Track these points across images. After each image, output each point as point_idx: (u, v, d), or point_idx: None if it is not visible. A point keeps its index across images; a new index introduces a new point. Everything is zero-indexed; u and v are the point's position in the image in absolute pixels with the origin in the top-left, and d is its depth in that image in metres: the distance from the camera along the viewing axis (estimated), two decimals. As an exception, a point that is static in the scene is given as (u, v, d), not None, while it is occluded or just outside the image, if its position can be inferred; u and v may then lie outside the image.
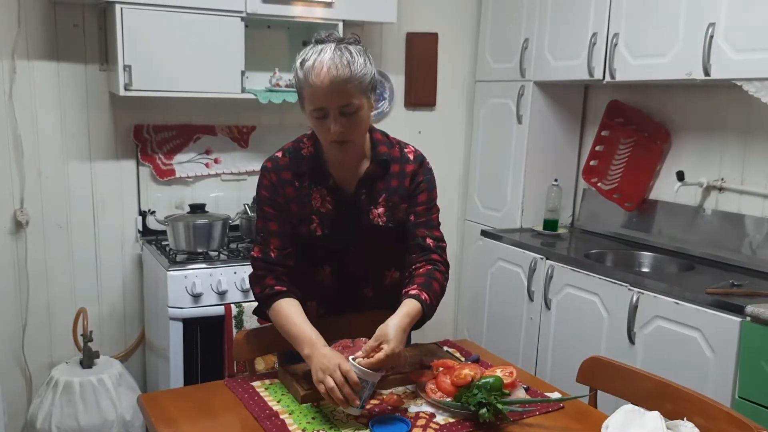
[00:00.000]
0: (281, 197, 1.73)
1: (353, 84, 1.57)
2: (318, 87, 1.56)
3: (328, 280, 1.80)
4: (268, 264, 1.72)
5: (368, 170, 1.74)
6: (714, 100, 2.84)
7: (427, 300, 1.64)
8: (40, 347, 2.99)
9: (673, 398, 1.55)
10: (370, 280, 1.82)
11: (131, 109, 3.03)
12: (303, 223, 1.73)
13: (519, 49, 3.31)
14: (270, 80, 3.11)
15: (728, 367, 2.19)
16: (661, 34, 2.62)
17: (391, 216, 1.75)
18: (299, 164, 1.74)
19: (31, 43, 2.82)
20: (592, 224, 3.38)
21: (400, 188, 1.76)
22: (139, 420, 2.77)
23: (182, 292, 2.67)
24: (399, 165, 1.77)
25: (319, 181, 1.73)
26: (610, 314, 2.61)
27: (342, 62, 1.56)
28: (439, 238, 1.78)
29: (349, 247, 1.76)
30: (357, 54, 1.59)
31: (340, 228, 1.73)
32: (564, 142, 3.41)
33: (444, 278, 1.74)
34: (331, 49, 1.57)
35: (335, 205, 1.73)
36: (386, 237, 1.76)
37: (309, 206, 1.72)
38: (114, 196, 3.06)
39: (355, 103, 1.59)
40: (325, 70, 1.55)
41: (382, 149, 1.75)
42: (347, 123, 1.60)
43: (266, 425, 1.45)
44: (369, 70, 1.61)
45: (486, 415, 1.44)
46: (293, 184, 1.73)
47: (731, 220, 2.74)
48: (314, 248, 1.76)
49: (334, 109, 1.58)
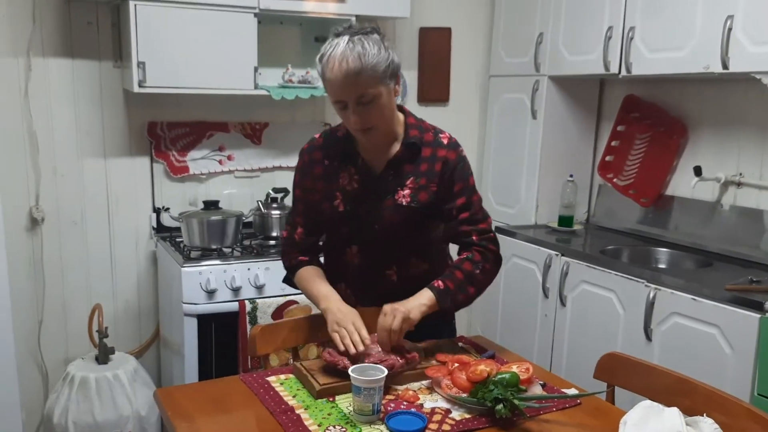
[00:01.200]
0: (309, 179, 1.83)
1: (366, 75, 1.61)
2: (333, 81, 1.63)
3: (356, 259, 1.84)
4: (294, 244, 1.87)
5: (397, 153, 1.78)
6: (732, 94, 2.80)
7: (440, 286, 1.71)
8: (56, 343, 3.01)
9: (691, 394, 1.53)
10: (393, 264, 1.83)
11: (145, 106, 3.04)
12: (327, 199, 1.80)
13: (533, 44, 3.28)
14: (283, 76, 3.10)
15: (747, 363, 2.16)
16: (678, 28, 2.59)
17: (416, 197, 1.77)
18: (332, 145, 1.83)
19: (46, 41, 2.83)
20: (607, 220, 3.35)
21: (429, 172, 1.78)
22: (154, 415, 2.78)
23: (196, 289, 2.67)
24: (431, 149, 1.79)
25: (349, 161, 1.80)
26: (627, 311, 2.58)
27: (353, 55, 1.60)
28: (484, 230, 1.81)
29: (373, 226, 1.78)
30: (370, 44, 1.62)
31: (363, 206, 1.78)
32: (579, 137, 3.39)
33: (475, 266, 1.77)
34: (344, 42, 1.62)
35: (361, 183, 1.79)
36: (408, 217, 1.77)
37: (335, 184, 1.80)
38: (128, 193, 3.07)
39: (370, 92, 1.63)
40: (337, 64, 1.61)
41: (412, 133, 1.79)
42: (366, 112, 1.66)
43: (282, 420, 1.44)
44: (383, 58, 1.64)
45: (502, 410, 1.43)
46: (323, 163, 1.82)
47: (750, 215, 2.71)
48: (341, 226, 1.82)
49: (352, 100, 1.64)
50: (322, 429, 1.41)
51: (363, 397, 1.43)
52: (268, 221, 3.05)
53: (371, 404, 1.43)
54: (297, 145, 3.28)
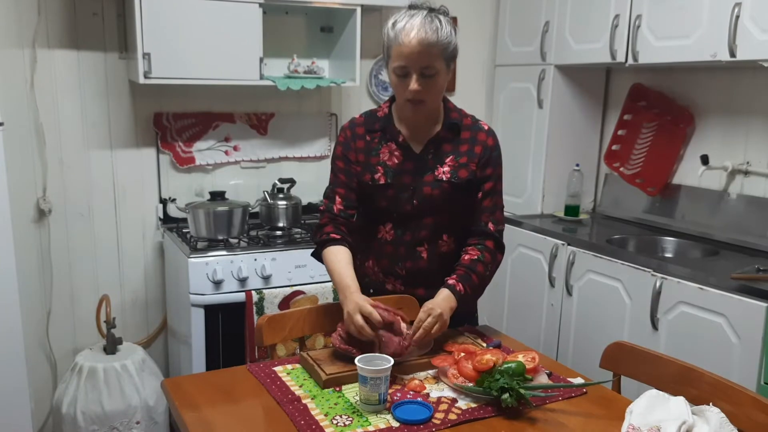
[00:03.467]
0: (353, 152, 1.89)
1: (438, 49, 1.71)
2: (406, 46, 1.71)
3: (389, 236, 1.89)
4: (331, 215, 1.88)
5: (439, 133, 1.86)
6: (739, 82, 2.78)
7: (461, 291, 1.77)
8: (65, 334, 3.03)
9: (698, 383, 1.53)
10: (426, 241, 1.88)
11: (151, 97, 3.04)
12: (368, 171, 1.87)
13: (539, 33, 3.26)
14: (288, 67, 3.10)
15: (753, 352, 2.15)
16: (685, 15, 2.57)
17: (456, 174, 1.84)
18: (373, 123, 1.91)
19: (51, 33, 2.83)
20: (614, 210, 3.34)
21: (470, 152, 1.86)
22: (162, 405, 2.80)
23: (203, 279, 2.68)
24: (470, 132, 1.89)
25: (390, 137, 1.87)
26: (633, 300, 2.58)
27: (431, 27, 1.70)
28: (499, 220, 1.90)
29: (412, 200, 1.84)
30: (445, 23, 1.74)
31: (403, 179, 1.85)
32: (585, 126, 3.37)
33: (486, 269, 1.84)
34: (422, 15, 1.73)
35: (402, 159, 1.86)
36: (447, 192, 1.84)
37: (377, 158, 1.87)
38: (135, 184, 3.08)
39: (436, 66, 1.73)
40: (415, 32, 1.70)
41: (453, 115, 1.88)
42: (425, 84, 1.74)
43: (289, 410, 1.45)
44: (453, 39, 1.75)
45: (508, 400, 1.44)
46: (365, 138, 1.89)
47: (757, 204, 2.69)
48: (380, 200, 1.87)
49: (417, 69, 1.72)
50: (329, 418, 1.41)
51: (369, 387, 1.44)
52: (274, 212, 3.05)
53: (378, 394, 1.44)
54: (303, 136, 3.36)
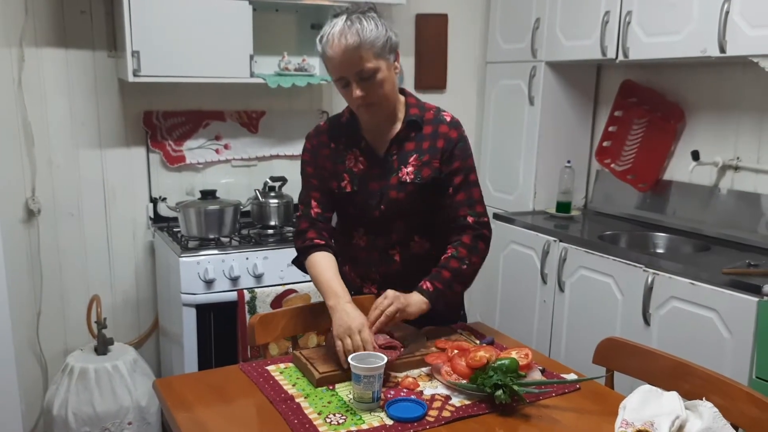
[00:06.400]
0: (320, 158, 1.88)
1: (364, 49, 1.66)
2: (333, 58, 1.68)
3: (362, 242, 1.89)
4: (309, 220, 1.86)
5: (399, 132, 1.82)
6: (729, 78, 2.79)
7: (429, 288, 1.74)
8: (55, 334, 3.01)
9: (691, 378, 1.53)
10: (397, 244, 1.86)
11: (140, 96, 3.02)
12: (335, 178, 1.85)
13: (530, 30, 3.26)
14: (279, 64, 3.08)
15: (745, 347, 2.16)
16: (675, 11, 2.57)
17: (419, 173, 1.80)
18: (336, 129, 1.88)
19: (39, 31, 2.81)
20: (605, 206, 3.35)
21: (432, 148, 1.82)
22: (154, 405, 2.78)
23: (195, 278, 2.67)
24: (432, 126, 1.84)
25: (353, 144, 1.85)
26: (625, 296, 2.59)
27: (351, 31, 1.65)
28: (480, 213, 1.84)
29: (379, 206, 1.82)
30: (367, 21, 1.68)
31: (369, 186, 1.83)
32: (577, 123, 3.38)
33: (461, 263, 1.79)
34: (342, 21, 1.67)
35: (367, 165, 1.84)
36: (411, 194, 1.81)
37: (342, 165, 1.85)
38: (125, 184, 3.06)
39: (369, 67, 1.68)
40: (336, 41, 1.66)
41: (413, 111, 1.84)
42: (368, 87, 1.70)
43: (282, 409, 1.44)
44: (381, 33, 1.69)
45: (502, 396, 1.44)
46: (329, 146, 1.87)
47: (747, 199, 2.70)
48: (348, 207, 1.87)
49: (353, 75, 1.69)
50: (323, 417, 1.41)
51: (363, 385, 1.43)
52: (265, 210, 3.04)
53: (371, 392, 1.43)
54: (294, 134, 3.35)
